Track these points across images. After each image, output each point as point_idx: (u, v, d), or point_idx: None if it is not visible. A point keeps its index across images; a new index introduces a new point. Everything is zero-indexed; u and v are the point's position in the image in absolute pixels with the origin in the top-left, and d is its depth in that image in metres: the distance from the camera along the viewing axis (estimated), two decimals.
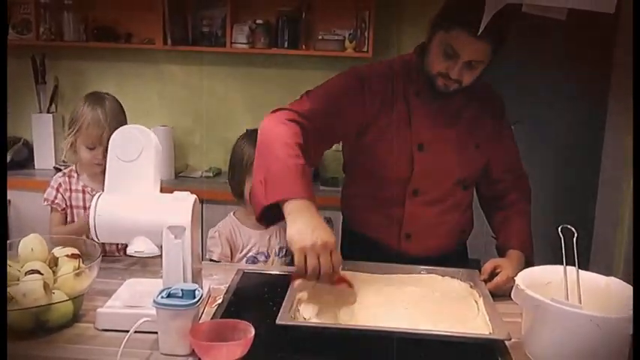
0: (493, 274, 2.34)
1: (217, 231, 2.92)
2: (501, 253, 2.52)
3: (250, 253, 2.90)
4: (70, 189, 2.90)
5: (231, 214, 3.01)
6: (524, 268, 2.16)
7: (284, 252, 2.97)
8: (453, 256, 2.60)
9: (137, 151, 2.00)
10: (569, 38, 4.90)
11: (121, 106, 2.97)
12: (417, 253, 2.55)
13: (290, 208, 2.00)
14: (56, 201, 2.88)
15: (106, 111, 2.84)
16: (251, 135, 3.03)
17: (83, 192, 2.90)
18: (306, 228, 1.94)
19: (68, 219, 2.91)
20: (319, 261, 1.91)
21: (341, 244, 2.74)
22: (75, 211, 2.90)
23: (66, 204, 2.89)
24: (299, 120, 2.27)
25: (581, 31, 2.70)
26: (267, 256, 2.93)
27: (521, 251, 2.46)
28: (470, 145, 2.51)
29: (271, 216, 2.11)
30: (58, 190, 2.89)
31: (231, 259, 2.88)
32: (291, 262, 2.90)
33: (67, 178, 2.92)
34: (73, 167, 2.95)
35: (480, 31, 2.08)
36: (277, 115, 2.29)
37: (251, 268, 2.64)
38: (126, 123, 2.87)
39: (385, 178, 2.52)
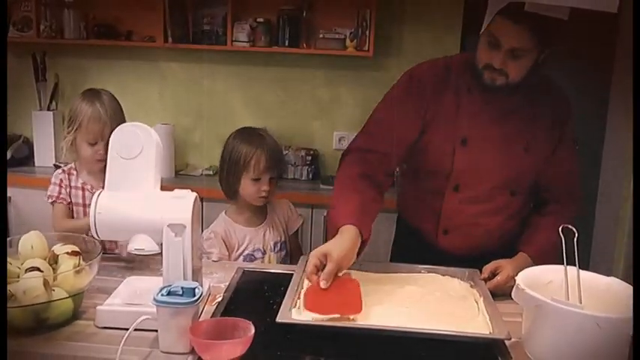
0: (494, 274, 2.34)
1: (212, 231, 2.91)
2: (516, 253, 2.47)
3: (247, 251, 2.90)
4: (70, 185, 2.89)
5: (223, 213, 3.00)
6: None
7: (279, 247, 2.98)
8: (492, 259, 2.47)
9: (138, 149, 2.00)
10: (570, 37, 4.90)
11: (118, 102, 2.96)
12: (454, 250, 2.57)
13: None
14: (61, 196, 2.87)
15: (105, 105, 2.83)
16: (242, 132, 3.02)
17: (83, 189, 2.89)
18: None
19: None
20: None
21: (395, 235, 2.89)
22: (74, 208, 2.89)
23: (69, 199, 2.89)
24: (361, 155, 2.48)
25: (582, 30, 2.71)
26: (264, 252, 2.93)
27: (534, 261, 2.36)
28: (517, 146, 2.48)
29: None
30: (60, 186, 2.88)
31: (228, 258, 2.88)
32: (287, 257, 2.91)
33: (66, 175, 2.91)
34: (72, 165, 2.94)
35: (483, 29, 2.09)
36: (347, 161, 2.52)
37: (251, 266, 2.64)
38: (124, 118, 2.89)
39: (430, 171, 2.55)
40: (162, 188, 2.08)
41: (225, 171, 2.94)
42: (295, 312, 1.98)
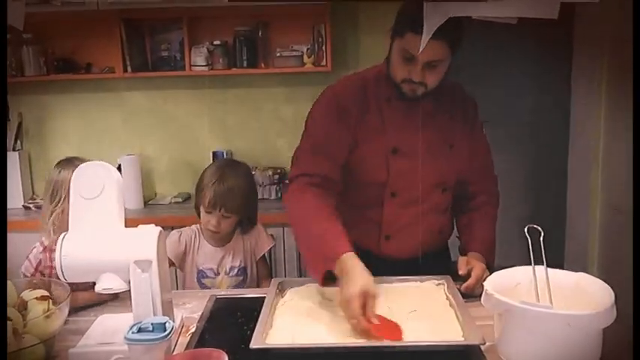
0: (469, 271, 2.39)
1: (181, 231, 3.02)
2: (463, 253, 2.58)
3: (201, 267, 2.96)
4: (51, 266, 2.75)
5: (199, 225, 3.05)
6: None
7: (235, 271, 3.00)
8: (434, 258, 2.63)
9: (99, 188, 2.00)
10: (530, 34, 4.96)
11: None
12: (397, 254, 2.59)
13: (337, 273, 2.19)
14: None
15: None
16: (223, 161, 3.05)
17: None
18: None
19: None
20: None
21: None
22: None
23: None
24: (313, 181, 2.44)
25: (540, 26, 2.76)
26: (217, 274, 2.98)
27: (483, 255, 2.53)
28: (444, 147, 2.55)
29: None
30: (37, 269, 2.72)
31: (182, 262, 2.97)
32: (243, 283, 2.98)
33: (47, 254, 2.73)
34: (54, 241, 2.82)
35: (421, 49, 2.11)
36: (294, 189, 2.47)
37: (224, 293, 2.62)
38: None
39: (364, 182, 2.56)
40: (132, 221, 2.09)
41: (195, 196, 3.01)
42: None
